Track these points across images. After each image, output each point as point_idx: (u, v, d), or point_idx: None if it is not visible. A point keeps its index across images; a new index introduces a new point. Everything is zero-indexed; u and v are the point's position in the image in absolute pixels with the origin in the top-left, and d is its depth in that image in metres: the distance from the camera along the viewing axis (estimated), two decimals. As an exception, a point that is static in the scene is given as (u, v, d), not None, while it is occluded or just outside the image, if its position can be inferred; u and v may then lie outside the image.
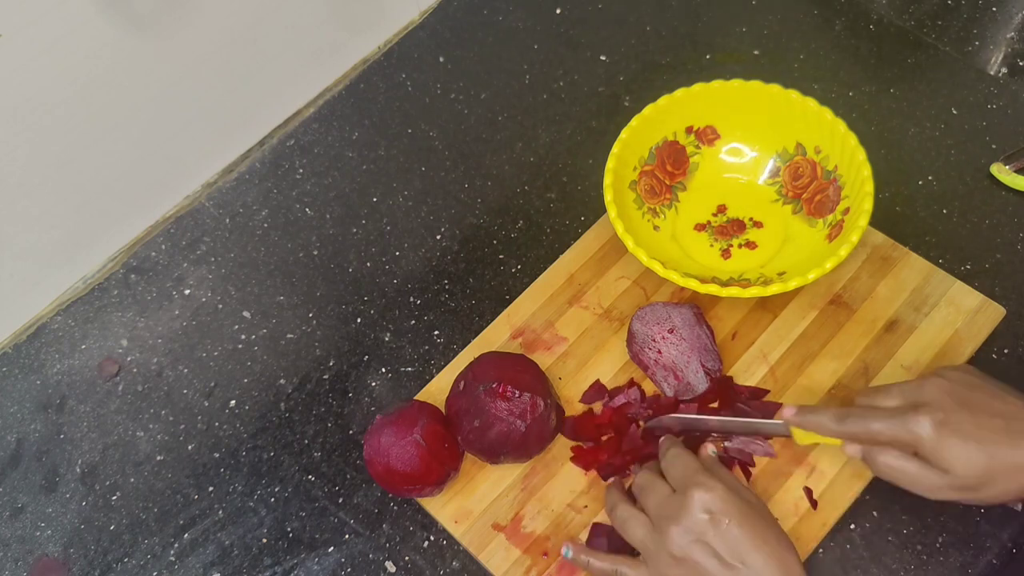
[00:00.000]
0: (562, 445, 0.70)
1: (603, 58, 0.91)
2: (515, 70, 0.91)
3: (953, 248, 0.77)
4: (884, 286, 0.74)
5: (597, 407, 0.72)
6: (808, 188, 0.77)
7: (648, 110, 0.77)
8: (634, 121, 0.76)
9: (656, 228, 0.78)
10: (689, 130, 0.79)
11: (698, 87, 0.77)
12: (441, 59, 0.93)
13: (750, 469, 0.68)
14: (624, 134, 0.76)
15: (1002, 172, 0.79)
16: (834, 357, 0.72)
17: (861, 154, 0.72)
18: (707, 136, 0.80)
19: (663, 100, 0.77)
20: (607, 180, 0.74)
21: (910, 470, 0.59)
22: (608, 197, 0.73)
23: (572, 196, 0.83)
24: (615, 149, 0.75)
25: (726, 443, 0.69)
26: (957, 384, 0.59)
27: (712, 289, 0.69)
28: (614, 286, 0.77)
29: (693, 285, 0.69)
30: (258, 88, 0.86)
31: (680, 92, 0.77)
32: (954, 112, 0.84)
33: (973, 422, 0.57)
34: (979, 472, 0.57)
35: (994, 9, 0.91)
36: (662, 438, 0.67)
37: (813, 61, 0.89)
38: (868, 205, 0.70)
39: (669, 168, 0.79)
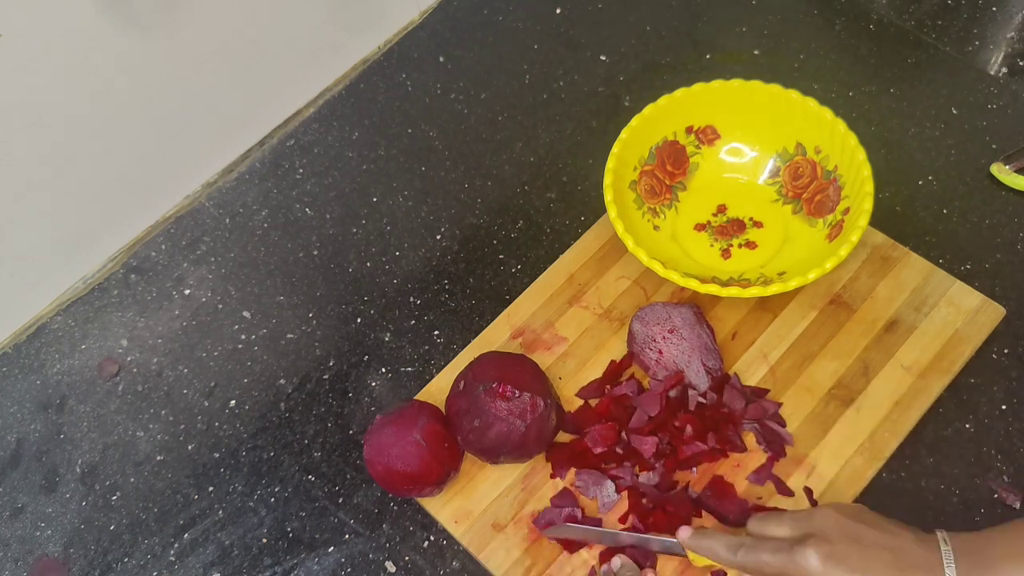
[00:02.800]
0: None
1: (603, 58, 0.91)
2: (515, 70, 0.91)
3: (953, 248, 0.77)
4: (884, 286, 0.74)
5: (594, 402, 0.72)
6: (808, 188, 0.77)
7: (648, 110, 0.77)
8: (634, 121, 0.76)
9: (656, 228, 0.78)
10: (689, 130, 0.79)
11: (698, 87, 0.77)
12: (441, 59, 0.93)
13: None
14: (624, 134, 0.76)
15: (1002, 172, 0.79)
16: (834, 357, 0.72)
17: (861, 154, 0.72)
18: (707, 136, 0.80)
19: (663, 100, 0.77)
20: (607, 180, 0.74)
21: None
22: (608, 197, 0.73)
23: (572, 196, 0.83)
24: (615, 149, 0.75)
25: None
26: (847, 516, 0.58)
27: (712, 289, 0.69)
28: (614, 286, 0.77)
29: (693, 285, 0.69)
30: (258, 88, 0.86)
31: (680, 92, 0.77)
32: (954, 112, 0.84)
33: (860, 555, 0.55)
34: None
35: (994, 9, 0.91)
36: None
37: (813, 61, 0.89)
38: (868, 205, 0.70)
39: (669, 168, 0.79)
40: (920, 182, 0.81)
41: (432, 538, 0.69)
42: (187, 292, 0.82)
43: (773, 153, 0.79)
